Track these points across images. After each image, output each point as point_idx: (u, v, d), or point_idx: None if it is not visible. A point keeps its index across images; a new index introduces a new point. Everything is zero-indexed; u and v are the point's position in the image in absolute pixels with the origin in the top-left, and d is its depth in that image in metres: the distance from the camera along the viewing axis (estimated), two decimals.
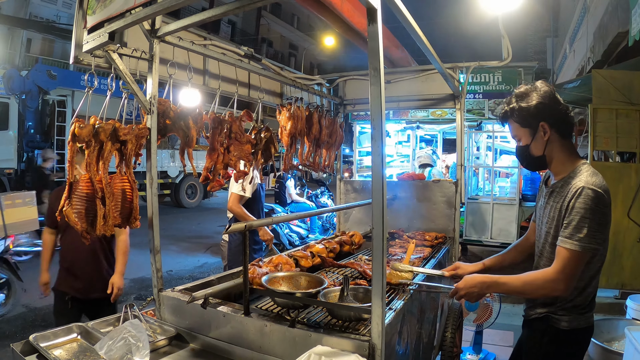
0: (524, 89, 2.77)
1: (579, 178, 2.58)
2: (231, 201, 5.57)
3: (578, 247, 2.45)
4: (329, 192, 13.97)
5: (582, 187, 2.50)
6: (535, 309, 2.85)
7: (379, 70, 2.13)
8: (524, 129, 2.78)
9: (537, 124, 2.71)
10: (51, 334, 2.74)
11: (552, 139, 2.72)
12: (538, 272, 2.65)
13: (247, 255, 2.72)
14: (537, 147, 2.76)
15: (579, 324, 2.70)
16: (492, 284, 2.73)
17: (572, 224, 2.49)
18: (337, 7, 4.59)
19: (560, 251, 2.52)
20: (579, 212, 2.47)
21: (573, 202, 2.51)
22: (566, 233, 2.51)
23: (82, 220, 2.82)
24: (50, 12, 28.79)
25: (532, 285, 2.61)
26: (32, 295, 8.14)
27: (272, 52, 45.00)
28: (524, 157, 2.88)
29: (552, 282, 2.52)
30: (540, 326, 2.81)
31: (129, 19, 2.36)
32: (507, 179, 12.61)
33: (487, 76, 11.70)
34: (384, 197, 2.16)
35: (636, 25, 5.53)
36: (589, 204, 2.46)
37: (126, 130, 2.93)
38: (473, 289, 2.75)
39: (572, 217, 2.50)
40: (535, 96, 2.70)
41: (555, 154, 2.75)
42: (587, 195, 2.47)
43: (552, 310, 2.73)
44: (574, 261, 2.48)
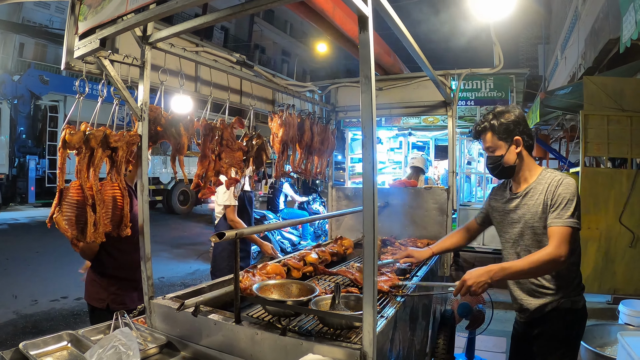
0: (501, 109, 3.27)
1: (551, 176, 3.12)
2: (231, 213, 5.59)
3: (569, 223, 2.90)
4: (321, 199, 13.97)
5: (561, 178, 3.05)
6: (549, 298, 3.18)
7: (370, 78, 2.13)
8: (500, 142, 3.21)
9: (512, 138, 3.18)
10: (41, 342, 2.71)
11: (521, 152, 3.22)
12: (539, 252, 2.94)
13: (238, 263, 2.71)
14: (510, 158, 3.22)
15: (577, 305, 3.20)
16: (498, 270, 2.95)
17: (560, 206, 2.96)
18: (328, 14, 4.59)
19: (555, 230, 2.93)
20: (564, 197, 2.96)
21: (557, 190, 3.01)
22: (555, 214, 2.96)
23: (72, 228, 2.80)
24: (43, 16, 28.75)
25: (537, 262, 2.89)
26: (23, 302, 8.12)
27: (265, 59, 45.01)
28: (496, 166, 3.28)
29: (554, 256, 2.85)
30: (559, 313, 3.16)
31: (120, 25, 2.35)
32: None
33: (478, 83, 11.74)
34: (375, 204, 2.16)
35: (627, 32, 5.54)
36: (570, 189, 2.99)
37: (117, 137, 2.93)
38: (481, 278, 2.91)
39: (559, 202, 2.97)
40: (513, 115, 3.19)
41: (523, 164, 3.25)
42: (567, 184, 3.01)
43: (567, 293, 3.15)
44: (567, 236, 2.88)
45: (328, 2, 4.53)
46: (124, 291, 4.08)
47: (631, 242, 7.57)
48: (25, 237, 14.49)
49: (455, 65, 5.66)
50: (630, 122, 7.71)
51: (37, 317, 7.49)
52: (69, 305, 8.22)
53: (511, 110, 3.23)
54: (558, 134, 15.50)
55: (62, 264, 11.02)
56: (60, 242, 11.58)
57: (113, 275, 4.04)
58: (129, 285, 4.10)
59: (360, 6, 2.10)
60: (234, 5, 2.25)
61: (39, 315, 7.62)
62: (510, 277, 3.20)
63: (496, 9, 4.94)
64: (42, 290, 8.91)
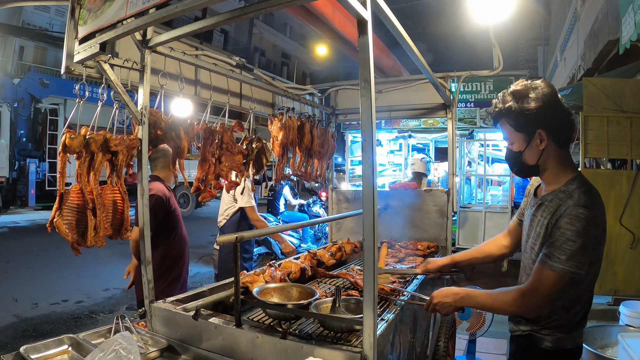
0: (522, 87, 2.48)
1: (570, 194, 2.36)
2: (253, 214, 5.64)
3: (556, 268, 2.27)
4: (321, 202, 13.96)
5: (571, 207, 2.30)
6: (519, 325, 2.67)
7: (370, 81, 2.14)
8: (518, 134, 2.51)
9: (533, 131, 2.44)
10: (42, 346, 2.71)
11: (548, 149, 2.46)
12: (511, 289, 2.48)
13: (238, 267, 2.71)
14: (531, 156, 2.50)
15: (564, 345, 2.51)
16: (464, 296, 2.66)
17: (555, 243, 2.30)
18: (328, 18, 4.61)
19: (537, 269, 2.36)
20: (564, 234, 2.27)
21: (560, 221, 2.31)
22: (547, 250, 2.33)
23: (72, 232, 2.80)
24: (43, 20, 28.79)
25: (502, 301, 2.49)
26: (23, 305, 8.11)
27: (265, 61, 45.03)
28: (514, 163, 2.62)
29: (523, 300, 2.39)
30: (523, 344, 2.66)
31: (120, 29, 2.35)
32: (499, 187, 12.64)
33: (478, 85, 11.75)
34: (375, 207, 2.16)
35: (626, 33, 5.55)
36: (577, 225, 2.24)
37: (117, 141, 2.93)
38: (446, 300, 2.69)
39: (557, 237, 2.30)
40: (534, 98, 2.41)
41: (549, 164, 2.50)
42: (575, 217, 2.26)
43: (535, 329, 2.55)
44: (549, 282, 2.30)
45: (327, 5, 4.55)
46: (171, 285, 4.62)
47: (631, 243, 7.58)
48: (25, 241, 14.50)
49: (454, 67, 5.67)
50: (630, 123, 7.73)
51: (38, 321, 7.49)
52: (69, 308, 8.22)
53: (535, 89, 2.44)
54: None
55: (62, 267, 11.04)
56: (61, 245, 11.56)
57: (162, 272, 4.51)
58: (175, 280, 4.68)
59: (360, 10, 2.10)
60: (234, 9, 2.26)
61: (40, 318, 7.61)
62: (476, 307, 2.99)
63: (495, 11, 4.94)
64: (43, 294, 8.90)
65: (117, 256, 11.90)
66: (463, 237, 11.27)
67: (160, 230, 4.53)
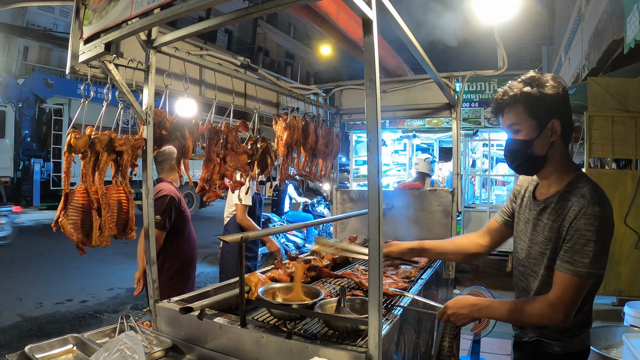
0: (535, 74, 2.38)
1: (581, 194, 2.24)
2: (241, 213, 5.65)
3: (581, 273, 2.16)
4: (326, 202, 13.96)
5: (586, 207, 2.19)
6: (526, 332, 2.60)
7: (375, 81, 2.13)
8: (531, 120, 2.35)
9: (548, 119, 2.33)
10: (47, 345, 2.71)
11: (556, 143, 2.37)
12: (535, 300, 2.36)
13: (243, 267, 2.71)
14: (541, 146, 2.36)
15: (572, 348, 2.44)
16: (484, 307, 2.51)
17: (575, 247, 2.18)
18: (332, 18, 4.60)
19: (561, 277, 2.23)
20: (583, 235, 2.16)
21: (576, 223, 2.20)
22: (567, 257, 2.21)
23: (77, 231, 2.81)
24: (48, 20, 28.89)
25: (529, 314, 2.33)
26: (28, 304, 8.13)
27: (269, 61, 45.07)
28: (520, 154, 2.43)
29: (551, 311, 2.23)
30: (531, 350, 2.57)
31: (125, 29, 2.35)
32: (503, 187, 12.63)
33: (482, 85, 11.73)
34: (380, 207, 2.16)
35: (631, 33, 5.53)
36: (596, 225, 2.15)
37: (122, 141, 2.93)
38: (462, 311, 2.54)
39: (576, 240, 2.18)
40: (551, 86, 2.32)
41: (555, 159, 2.40)
42: (593, 216, 2.16)
43: (544, 334, 2.47)
44: (576, 288, 2.19)
45: (332, 5, 4.54)
46: (182, 284, 4.71)
47: (636, 243, 7.56)
48: (30, 240, 14.51)
49: (459, 67, 5.66)
50: (635, 123, 7.71)
51: (42, 320, 7.50)
52: (74, 308, 8.23)
53: (554, 80, 2.34)
54: None
55: (67, 267, 11.06)
56: (65, 245, 11.57)
57: (172, 272, 4.64)
58: (185, 278, 4.80)
59: (365, 10, 2.10)
60: (238, 9, 2.26)
61: (44, 318, 7.63)
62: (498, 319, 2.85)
63: (500, 10, 4.93)
64: (47, 293, 8.92)
65: (122, 256, 11.92)
66: None
67: (172, 231, 4.57)
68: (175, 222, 4.61)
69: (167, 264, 4.53)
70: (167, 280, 4.43)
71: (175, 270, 4.64)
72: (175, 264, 4.66)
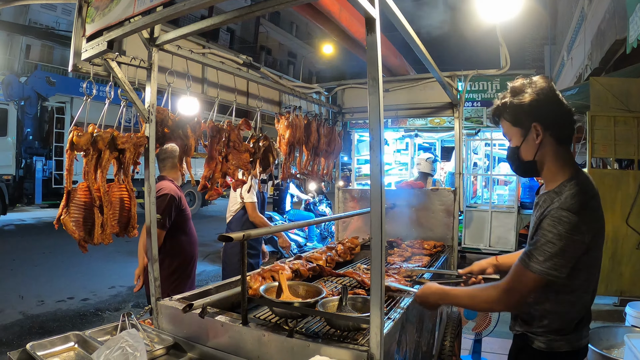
0: (520, 84, 2.49)
1: (560, 196, 2.29)
2: (251, 211, 5.69)
3: (534, 269, 2.23)
4: (327, 200, 13.96)
5: (555, 209, 2.25)
6: (515, 325, 2.68)
7: (378, 80, 2.13)
8: (515, 128, 2.50)
9: (529, 124, 2.42)
10: (48, 343, 2.72)
11: (545, 143, 2.42)
12: (488, 286, 2.49)
13: (245, 265, 2.71)
14: (527, 151, 2.47)
15: (558, 347, 2.45)
16: (443, 295, 2.69)
17: (537, 244, 2.25)
18: (335, 16, 4.59)
19: (516, 267, 2.34)
20: (544, 235, 2.23)
21: (543, 222, 2.27)
22: (528, 249, 2.31)
23: (79, 229, 2.81)
24: (50, 18, 28.91)
25: (482, 299, 2.50)
26: (29, 302, 8.14)
27: (271, 60, 45.08)
28: (513, 160, 2.59)
29: (501, 296, 2.36)
30: (518, 343, 2.67)
31: (127, 27, 2.35)
32: (505, 186, 12.61)
33: (485, 84, 11.71)
34: (382, 206, 2.16)
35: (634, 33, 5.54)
36: (559, 228, 2.20)
37: (124, 139, 2.93)
38: (428, 299, 2.75)
39: (539, 238, 2.25)
40: (530, 92, 2.42)
41: (547, 161, 2.46)
42: (557, 219, 2.21)
43: (528, 329, 2.54)
44: (525, 281, 2.28)
45: (334, 3, 4.54)
46: (182, 282, 4.73)
47: (638, 243, 7.56)
48: (31, 238, 14.54)
49: (461, 66, 5.65)
50: (637, 123, 7.71)
51: (44, 318, 7.51)
52: (75, 305, 8.24)
53: (531, 85, 2.45)
54: None
55: (68, 265, 11.07)
56: (67, 243, 11.62)
57: (172, 270, 4.65)
58: (185, 276, 4.80)
59: (368, 8, 2.10)
60: (241, 8, 2.26)
61: (46, 315, 7.64)
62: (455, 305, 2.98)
63: (502, 10, 4.93)
64: (49, 291, 8.93)
65: (124, 254, 11.94)
66: (469, 236, 11.27)
67: (172, 229, 4.58)
68: (176, 221, 4.62)
69: (166, 262, 4.53)
70: (167, 277, 4.43)
71: (174, 268, 4.65)
72: (174, 262, 4.66)
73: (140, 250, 4.64)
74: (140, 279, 4.69)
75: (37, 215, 19.37)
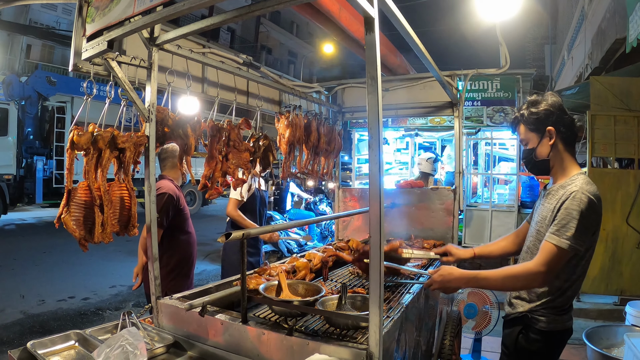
0: (535, 98, 2.97)
1: (575, 184, 2.71)
2: (229, 206, 5.66)
3: (563, 243, 2.58)
4: (328, 200, 13.96)
5: (576, 191, 2.65)
6: (516, 308, 2.97)
7: (377, 79, 2.14)
8: (532, 133, 2.95)
9: (544, 129, 2.88)
10: (49, 341, 2.73)
11: (556, 145, 2.89)
12: (519, 266, 2.80)
13: (245, 263, 2.72)
14: (542, 151, 2.93)
15: (555, 326, 2.82)
16: (471, 279, 2.88)
17: (561, 222, 2.63)
18: (334, 16, 4.60)
19: (545, 245, 2.65)
20: (569, 213, 2.61)
21: (565, 203, 2.65)
22: (554, 229, 2.65)
23: (80, 228, 2.82)
24: (50, 18, 28.91)
25: (513, 277, 2.75)
26: (30, 301, 8.15)
27: (271, 59, 45.08)
28: (529, 160, 3.03)
29: (533, 274, 2.65)
30: (518, 324, 2.94)
31: (127, 27, 2.36)
32: (505, 186, 12.60)
33: (485, 83, 11.68)
34: (381, 205, 2.16)
35: (634, 32, 5.54)
36: (580, 206, 2.60)
37: (125, 138, 2.94)
38: (449, 284, 2.89)
39: (563, 216, 2.63)
40: (545, 104, 2.89)
41: (557, 159, 2.92)
42: (579, 199, 2.61)
43: (533, 308, 2.86)
44: (557, 256, 2.60)
45: (334, 3, 4.55)
46: (180, 280, 4.75)
47: (638, 243, 7.55)
48: (32, 238, 14.56)
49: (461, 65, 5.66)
50: (637, 122, 7.70)
51: (45, 317, 7.53)
52: (76, 305, 8.26)
53: (544, 99, 2.93)
54: None
55: (69, 264, 11.09)
56: (68, 242, 11.66)
57: (169, 269, 4.66)
58: (183, 275, 4.83)
59: (367, 7, 2.11)
60: (241, 7, 2.27)
61: (46, 315, 7.65)
62: (485, 288, 3.11)
63: (502, 9, 4.93)
64: (50, 290, 8.95)
65: (124, 253, 11.95)
66: (469, 235, 11.25)
67: (170, 228, 4.59)
68: (174, 220, 4.63)
69: (164, 261, 4.54)
70: (164, 276, 4.43)
71: (172, 267, 4.67)
72: (172, 260, 4.69)
73: (140, 248, 4.66)
74: (139, 277, 4.71)
75: (38, 215, 19.39)
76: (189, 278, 4.91)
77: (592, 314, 7.49)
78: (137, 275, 4.74)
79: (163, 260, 4.48)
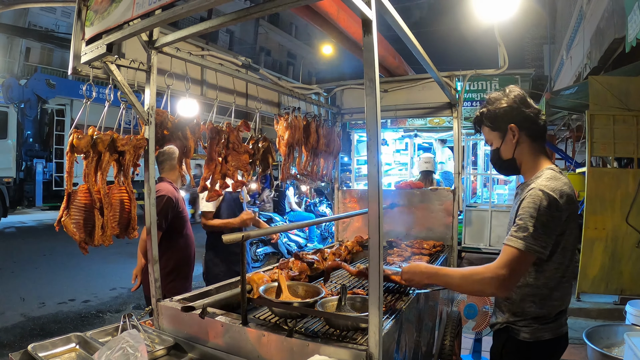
0: (495, 95, 2.81)
1: (536, 181, 2.55)
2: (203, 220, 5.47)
3: (520, 245, 2.38)
4: (328, 201, 13.98)
5: (533, 188, 2.48)
6: (497, 319, 2.79)
7: (375, 81, 2.14)
8: (494, 133, 2.80)
9: (505, 127, 2.72)
10: (49, 344, 2.73)
11: (521, 142, 2.72)
12: (480, 267, 2.53)
13: (244, 265, 2.72)
14: (507, 150, 2.77)
15: (542, 336, 2.60)
16: (433, 274, 2.79)
17: (518, 222, 2.44)
18: (333, 18, 4.60)
19: (504, 248, 2.46)
20: (526, 212, 2.43)
21: (523, 202, 2.48)
22: (512, 230, 2.46)
23: (80, 231, 2.82)
24: (49, 21, 28.92)
25: (469, 279, 2.56)
26: (31, 304, 8.15)
27: (271, 61, 45.07)
28: (495, 161, 2.90)
29: (489, 277, 2.44)
30: (502, 337, 2.76)
31: (126, 30, 2.37)
32: (505, 186, 12.61)
33: (484, 84, 11.72)
34: (380, 206, 2.17)
35: (632, 32, 5.55)
36: (537, 204, 2.41)
37: (124, 141, 2.95)
38: (414, 277, 2.86)
39: (520, 216, 2.45)
40: (505, 100, 2.72)
41: (524, 157, 2.75)
42: (535, 196, 2.44)
43: (512, 321, 2.67)
44: (515, 259, 2.40)
45: (332, 5, 4.54)
46: (179, 282, 4.77)
47: (638, 242, 7.55)
48: (32, 241, 14.56)
49: (460, 66, 5.66)
50: (636, 121, 7.71)
51: (45, 320, 7.53)
52: (76, 307, 8.26)
53: (505, 95, 2.74)
54: (564, 134, 15.49)
55: (69, 267, 11.08)
56: (68, 245, 11.63)
57: (168, 271, 4.62)
58: (182, 277, 4.85)
59: (364, 10, 2.11)
60: (239, 10, 2.27)
61: (47, 317, 7.65)
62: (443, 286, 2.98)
63: (500, 9, 4.93)
64: (50, 293, 8.95)
65: (124, 256, 11.95)
66: (469, 236, 11.26)
67: (169, 231, 4.59)
68: (173, 222, 4.64)
69: (162, 263, 4.52)
70: (163, 278, 4.43)
71: (171, 269, 4.67)
72: (171, 262, 4.69)
73: (142, 247, 4.67)
74: (138, 279, 4.71)
75: (38, 218, 19.40)
76: (188, 280, 4.91)
77: (592, 314, 7.49)
78: (136, 276, 4.75)
79: (161, 262, 4.47)
